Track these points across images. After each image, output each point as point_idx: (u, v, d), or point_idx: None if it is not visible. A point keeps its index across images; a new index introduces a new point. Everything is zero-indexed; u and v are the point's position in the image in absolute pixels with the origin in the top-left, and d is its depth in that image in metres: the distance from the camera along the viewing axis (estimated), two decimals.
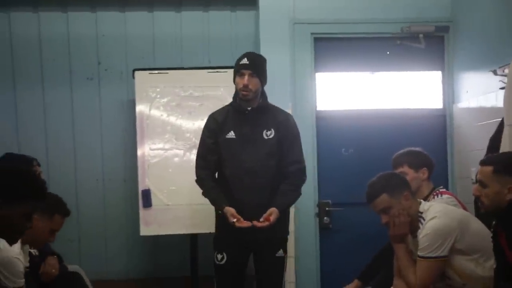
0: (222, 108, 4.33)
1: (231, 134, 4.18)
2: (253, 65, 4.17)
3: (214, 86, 5.04)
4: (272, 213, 4.03)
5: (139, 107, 5.07)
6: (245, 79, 4.12)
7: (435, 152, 4.63)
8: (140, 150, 5.02)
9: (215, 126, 4.22)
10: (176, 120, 5.06)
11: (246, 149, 4.14)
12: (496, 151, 3.87)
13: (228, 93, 4.99)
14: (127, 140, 5.40)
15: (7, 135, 5.41)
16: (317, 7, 5.39)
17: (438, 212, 3.49)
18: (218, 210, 4.15)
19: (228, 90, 5.01)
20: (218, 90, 5.02)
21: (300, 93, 5.36)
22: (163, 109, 5.07)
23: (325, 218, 5.36)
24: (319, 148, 5.40)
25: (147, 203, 4.92)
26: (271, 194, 4.12)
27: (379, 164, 4.26)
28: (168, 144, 5.02)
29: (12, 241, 2.85)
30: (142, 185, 4.97)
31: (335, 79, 5.54)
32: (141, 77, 5.10)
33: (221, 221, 4.17)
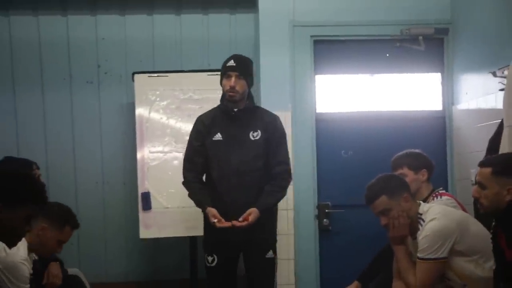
0: (209, 111, 4.36)
1: (218, 136, 4.20)
2: (240, 67, 4.20)
3: (213, 89, 5.00)
4: (252, 213, 4.04)
5: (139, 110, 5.07)
6: (232, 81, 4.15)
7: (435, 153, 4.64)
8: (139, 153, 5.02)
9: (202, 129, 4.25)
10: (175, 123, 5.07)
11: (233, 151, 4.16)
12: (495, 152, 3.87)
13: None
14: (127, 143, 5.40)
15: (7, 138, 5.40)
16: (316, 9, 5.40)
17: (437, 214, 3.49)
18: (202, 212, 4.16)
19: None
20: (218, 93, 5.00)
21: (300, 95, 5.36)
22: (162, 112, 5.08)
23: (324, 220, 5.36)
24: (319, 150, 5.40)
25: (147, 205, 4.92)
26: (258, 195, 4.14)
27: (378, 166, 4.27)
28: (168, 147, 5.03)
29: (11, 245, 2.84)
30: (141, 188, 4.97)
31: (334, 81, 5.54)
32: (141, 80, 5.11)
33: (209, 222, 4.20)
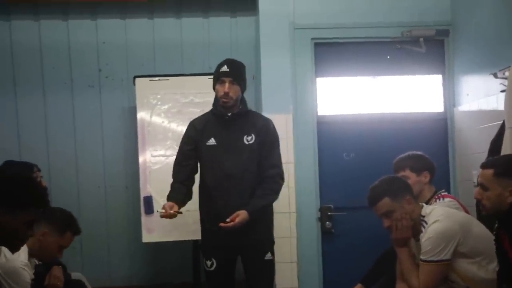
0: (202, 115, 4.37)
1: (211, 141, 4.21)
2: (234, 72, 4.19)
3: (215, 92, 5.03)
4: (240, 215, 4.03)
5: (140, 114, 5.08)
6: (225, 87, 4.14)
7: (437, 155, 4.64)
8: (141, 157, 5.03)
9: (194, 133, 4.26)
10: (177, 127, 5.06)
11: (227, 155, 4.17)
12: (497, 154, 3.87)
13: None
14: (128, 147, 5.41)
15: (8, 142, 5.40)
16: (317, 12, 5.40)
17: (440, 216, 3.48)
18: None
19: None
20: None
21: (301, 98, 5.36)
22: (164, 115, 5.08)
23: (327, 222, 5.36)
24: (321, 153, 5.40)
25: (149, 209, 4.92)
26: (252, 197, 4.14)
27: (380, 168, 4.27)
28: (170, 151, 5.02)
29: (14, 249, 2.84)
30: (144, 192, 4.98)
31: (335, 84, 5.54)
32: (142, 84, 5.11)
33: (206, 227, 4.23)
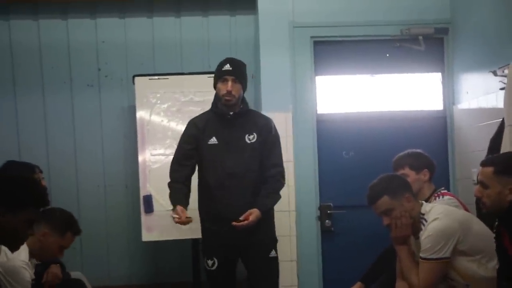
0: (202, 114, 4.36)
1: (213, 140, 4.20)
2: (236, 71, 4.19)
3: (214, 91, 5.03)
4: (253, 213, 4.03)
5: (140, 113, 5.08)
6: (228, 85, 4.14)
7: (436, 153, 4.64)
8: (141, 156, 5.03)
9: (195, 132, 4.24)
10: (176, 126, 5.06)
11: (229, 154, 4.16)
12: (496, 151, 3.87)
13: None
14: (128, 146, 5.41)
15: (8, 142, 5.41)
16: (316, 10, 5.40)
17: (440, 214, 3.49)
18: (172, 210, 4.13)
19: None
20: None
21: (301, 96, 5.36)
22: (163, 114, 5.08)
23: (326, 221, 5.36)
24: (320, 151, 5.40)
25: (149, 208, 4.93)
26: (254, 197, 4.14)
27: (380, 166, 4.27)
28: (169, 150, 5.01)
29: (13, 248, 2.85)
30: (143, 191, 4.98)
31: (335, 82, 5.54)
32: (141, 83, 5.11)
33: (206, 227, 4.22)
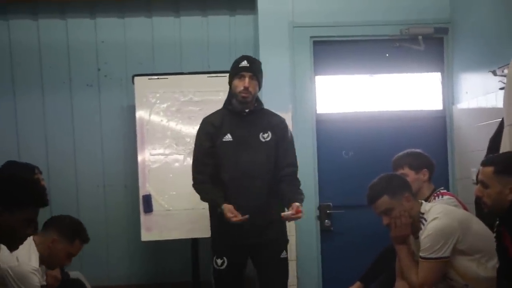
0: (215, 112, 4.32)
1: (228, 137, 4.16)
2: (253, 67, 4.17)
3: (214, 90, 5.03)
4: (299, 206, 4.01)
5: (139, 112, 5.07)
6: (246, 81, 4.11)
7: (435, 153, 4.63)
8: (140, 156, 5.02)
9: (212, 130, 4.20)
10: (176, 125, 5.07)
11: (243, 152, 4.14)
12: (496, 151, 3.87)
13: None
14: (128, 146, 5.40)
15: (7, 142, 5.40)
16: (316, 10, 5.40)
17: (439, 213, 3.49)
18: (217, 209, 4.09)
19: None
20: (218, 95, 5.00)
21: (300, 96, 5.36)
22: (163, 114, 5.08)
23: (326, 220, 5.36)
24: (319, 151, 5.40)
25: (148, 208, 4.92)
26: (268, 196, 4.13)
27: (379, 166, 4.27)
28: (169, 149, 5.02)
29: (12, 247, 2.85)
30: (143, 191, 4.97)
31: (334, 82, 5.54)
32: (141, 83, 5.11)
33: (219, 224, 4.16)
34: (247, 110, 4.18)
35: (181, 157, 5.02)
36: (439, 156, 4.98)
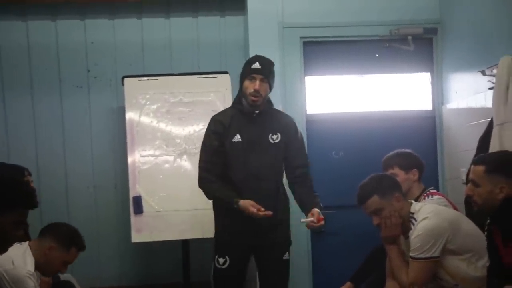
0: (224, 111, 4.24)
1: (237, 138, 4.07)
2: (265, 70, 4.06)
3: (204, 91, 5.03)
4: (319, 213, 3.97)
5: (129, 114, 5.05)
6: (256, 84, 4.00)
7: (425, 153, 4.64)
8: (130, 157, 5.00)
9: (221, 130, 4.10)
10: (166, 127, 5.05)
11: (252, 153, 4.06)
12: (485, 151, 3.88)
13: (218, 98, 5.01)
14: (118, 147, 5.40)
15: None
16: (305, 11, 5.41)
17: (429, 213, 3.49)
18: (233, 205, 3.94)
19: (218, 95, 5.02)
20: (208, 96, 5.02)
21: (290, 96, 5.36)
22: (153, 115, 5.06)
23: None
24: (310, 151, 5.31)
25: (138, 209, 4.90)
26: (276, 198, 4.08)
27: (369, 166, 4.26)
28: (159, 151, 5.01)
29: (1, 250, 2.83)
30: (133, 192, 4.95)
31: (324, 83, 5.55)
32: (131, 84, 5.09)
33: (224, 224, 4.10)
34: (257, 111, 4.11)
35: (171, 158, 5.01)
36: (429, 156, 4.99)
